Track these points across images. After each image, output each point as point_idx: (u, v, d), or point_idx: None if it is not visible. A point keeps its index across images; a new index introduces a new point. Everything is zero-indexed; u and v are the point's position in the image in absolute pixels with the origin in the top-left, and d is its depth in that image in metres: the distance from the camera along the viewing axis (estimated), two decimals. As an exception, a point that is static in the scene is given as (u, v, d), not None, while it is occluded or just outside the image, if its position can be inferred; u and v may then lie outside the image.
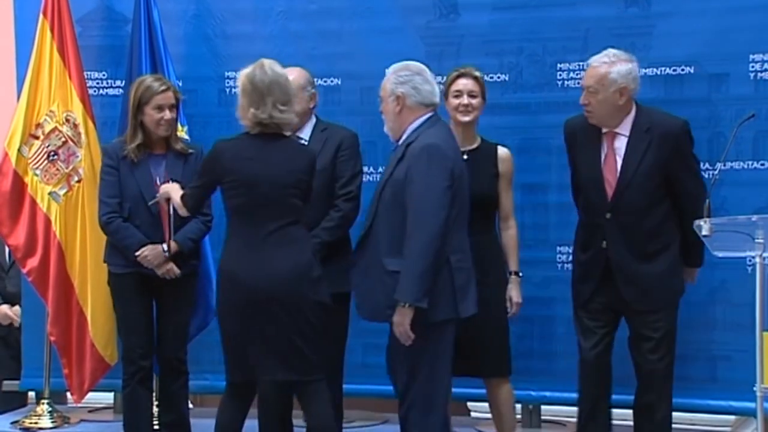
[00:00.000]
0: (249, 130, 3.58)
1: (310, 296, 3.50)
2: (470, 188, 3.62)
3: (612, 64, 3.72)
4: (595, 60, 3.76)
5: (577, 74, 4.39)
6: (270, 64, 3.58)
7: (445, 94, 3.91)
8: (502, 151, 3.99)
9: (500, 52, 4.46)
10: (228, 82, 4.71)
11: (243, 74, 3.58)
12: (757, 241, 3.19)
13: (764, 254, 3.20)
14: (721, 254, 3.40)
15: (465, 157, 3.83)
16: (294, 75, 3.91)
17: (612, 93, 3.72)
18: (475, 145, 3.96)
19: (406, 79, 3.51)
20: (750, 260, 3.66)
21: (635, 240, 3.74)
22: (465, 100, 3.91)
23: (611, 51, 3.77)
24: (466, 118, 3.92)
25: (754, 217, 3.25)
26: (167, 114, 4.07)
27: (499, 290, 3.90)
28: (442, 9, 4.60)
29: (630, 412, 3.89)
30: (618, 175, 3.75)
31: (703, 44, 4.25)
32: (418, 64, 3.58)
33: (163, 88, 4.09)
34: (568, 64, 4.44)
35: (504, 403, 3.95)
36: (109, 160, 4.14)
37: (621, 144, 3.77)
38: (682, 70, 4.17)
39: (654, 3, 4.33)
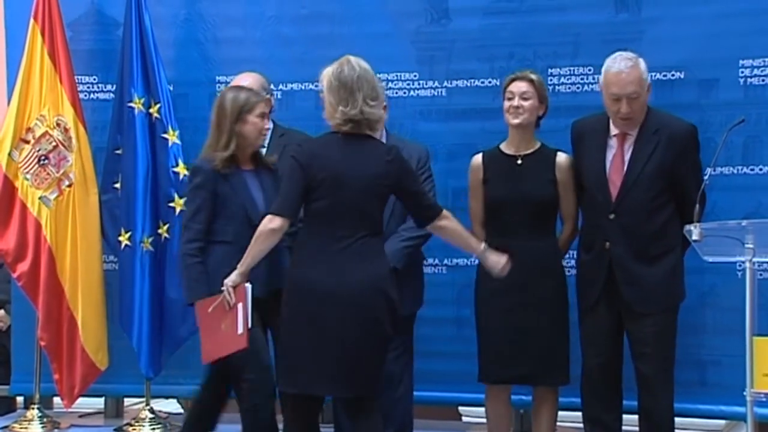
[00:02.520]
0: (338, 129, 3.41)
1: (384, 309, 3.33)
2: (525, 193, 3.71)
3: (637, 65, 3.72)
4: (618, 66, 3.71)
5: (567, 79, 4.42)
6: (356, 60, 3.43)
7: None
8: (561, 157, 3.93)
9: (491, 57, 4.46)
10: (219, 87, 4.70)
11: (328, 73, 3.42)
12: (747, 246, 3.20)
13: (754, 259, 3.21)
14: (711, 259, 3.41)
15: (519, 161, 3.86)
16: (249, 80, 3.90)
17: (647, 93, 3.74)
18: (531, 150, 3.93)
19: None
20: (740, 265, 3.68)
21: (638, 241, 3.73)
22: (516, 102, 3.88)
23: (622, 54, 3.76)
24: (516, 120, 3.88)
25: (744, 222, 3.27)
26: (267, 123, 3.89)
27: (558, 296, 3.88)
28: (433, 14, 4.60)
29: (635, 417, 3.87)
30: (623, 175, 3.75)
31: (692, 50, 4.27)
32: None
33: (264, 94, 3.96)
34: (558, 69, 4.45)
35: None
36: (202, 180, 3.70)
37: (629, 145, 3.78)
38: (672, 75, 4.18)
39: (644, 8, 4.35)
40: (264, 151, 3.91)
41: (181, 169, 4.50)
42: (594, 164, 3.81)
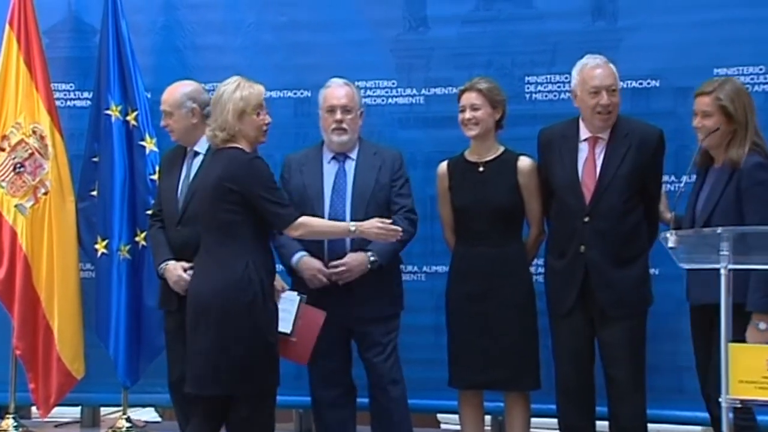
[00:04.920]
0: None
1: (235, 313, 3.46)
2: (487, 199, 3.74)
3: (609, 63, 3.79)
4: (594, 61, 3.78)
5: (545, 87, 4.45)
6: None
7: None
8: (523, 162, 3.95)
9: (469, 65, 4.48)
10: (197, 94, 4.68)
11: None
12: (722, 253, 3.21)
13: (729, 266, 3.22)
14: (687, 266, 3.42)
15: (481, 168, 3.88)
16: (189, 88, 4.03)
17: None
18: (492, 156, 3.95)
19: None
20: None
21: (612, 245, 3.75)
22: (468, 114, 3.91)
23: (591, 55, 3.82)
24: (471, 133, 3.92)
25: (719, 229, 3.26)
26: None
27: (526, 301, 3.90)
28: (412, 22, 4.62)
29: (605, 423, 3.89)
30: (597, 178, 3.77)
31: (668, 58, 4.31)
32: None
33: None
34: (536, 77, 4.48)
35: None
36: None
37: (601, 149, 3.80)
38: (648, 83, 4.21)
39: (621, 17, 4.39)
40: (201, 157, 3.95)
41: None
42: (566, 168, 3.83)
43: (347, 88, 4.07)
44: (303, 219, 3.62)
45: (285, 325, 3.69)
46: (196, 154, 4.01)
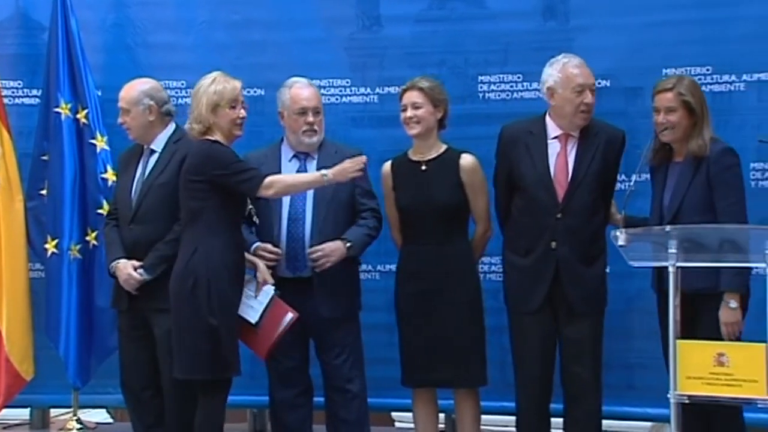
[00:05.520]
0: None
1: (190, 296, 3.62)
2: (430, 198, 3.75)
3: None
4: (576, 60, 3.81)
5: (498, 86, 4.48)
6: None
7: None
8: (465, 159, 3.96)
9: (423, 64, 4.48)
10: (149, 92, 4.64)
11: None
12: (670, 251, 3.27)
13: (677, 264, 3.28)
14: (636, 264, 3.48)
15: (423, 167, 3.88)
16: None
17: None
18: (435, 155, 3.96)
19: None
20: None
21: (581, 242, 3.78)
22: (409, 112, 3.92)
23: (573, 55, 3.85)
24: (412, 131, 3.93)
25: (668, 228, 3.33)
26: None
27: (473, 299, 3.92)
28: (365, 21, 4.63)
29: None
30: (570, 175, 3.80)
31: (619, 58, 4.36)
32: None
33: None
34: (489, 77, 4.51)
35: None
36: None
37: (572, 146, 3.83)
38: (599, 83, 4.24)
39: (572, 18, 4.44)
40: (157, 155, 3.97)
41: (110, 176, 4.44)
42: (536, 165, 3.83)
43: (313, 88, 4.09)
44: (273, 177, 3.74)
45: (253, 315, 3.75)
46: (153, 152, 3.98)
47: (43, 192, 4.55)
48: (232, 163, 3.68)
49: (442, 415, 4.36)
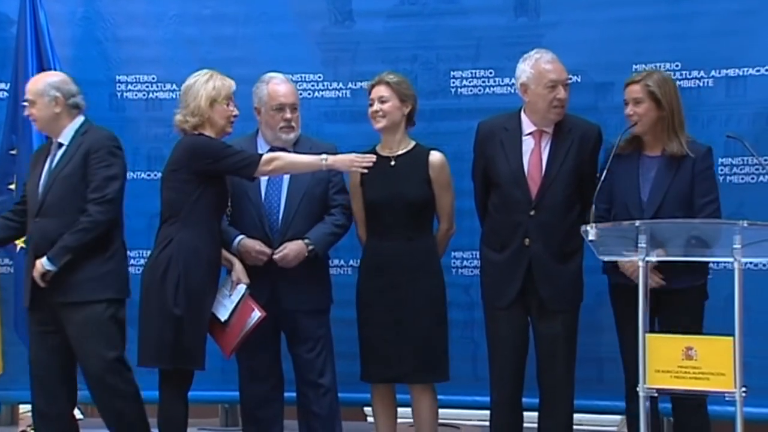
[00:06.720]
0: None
1: (159, 287, 3.68)
2: (398, 194, 3.75)
3: None
4: (549, 56, 3.84)
5: (469, 82, 4.49)
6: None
7: None
8: (434, 156, 3.96)
9: (395, 60, 4.50)
10: (119, 86, 4.62)
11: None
12: (640, 245, 3.30)
13: (647, 258, 3.30)
14: (606, 258, 3.51)
15: (392, 162, 3.88)
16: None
17: None
18: (404, 150, 3.96)
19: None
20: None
21: (555, 239, 3.79)
22: (375, 106, 3.92)
23: (546, 51, 3.87)
24: (378, 125, 3.94)
25: (638, 223, 3.35)
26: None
27: (436, 295, 3.93)
28: (338, 15, 4.62)
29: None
30: (543, 172, 3.81)
31: (589, 54, 4.39)
32: None
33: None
34: (461, 72, 4.53)
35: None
36: None
37: (546, 142, 3.84)
38: (570, 78, 4.28)
39: (542, 13, 4.46)
40: (64, 148, 3.93)
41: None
42: (510, 162, 3.84)
43: (291, 84, 4.10)
44: (273, 153, 3.82)
45: (224, 313, 3.77)
46: (60, 145, 3.95)
47: (12, 186, 4.52)
48: (223, 149, 3.74)
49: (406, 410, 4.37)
